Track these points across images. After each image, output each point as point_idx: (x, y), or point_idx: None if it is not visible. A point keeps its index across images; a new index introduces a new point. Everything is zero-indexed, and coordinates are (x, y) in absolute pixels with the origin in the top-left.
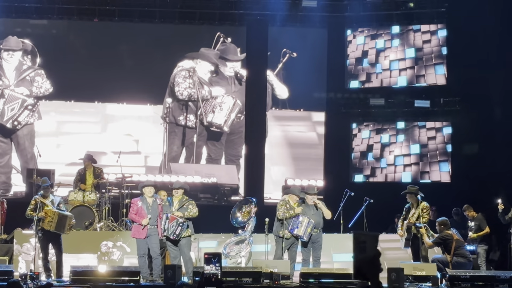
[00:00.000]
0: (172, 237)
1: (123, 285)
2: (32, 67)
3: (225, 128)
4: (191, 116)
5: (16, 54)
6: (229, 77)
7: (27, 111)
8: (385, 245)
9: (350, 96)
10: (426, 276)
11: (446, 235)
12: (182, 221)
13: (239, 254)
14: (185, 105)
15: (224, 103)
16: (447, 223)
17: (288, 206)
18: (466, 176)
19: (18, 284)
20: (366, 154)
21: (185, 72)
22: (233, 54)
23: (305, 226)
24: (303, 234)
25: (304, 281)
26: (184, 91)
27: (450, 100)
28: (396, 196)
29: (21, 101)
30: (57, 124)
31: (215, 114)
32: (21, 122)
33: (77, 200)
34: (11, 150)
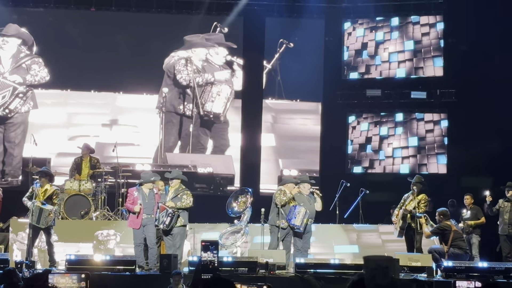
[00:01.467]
0: (162, 226)
1: (118, 274)
2: (29, 55)
3: (221, 118)
4: (189, 105)
5: (11, 40)
6: (219, 66)
7: (18, 99)
8: (385, 237)
9: (347, 87)
10: (422, 267)
11: (445, 226)
12: (172, 211)
13: (234, 244)
14: (183, 93)
15: (222, 91)
16: (447, 214)
17: (289, 195)
18: (462, 168)
19: (14, 272)
20: (364, 146)
21: (184, 61)
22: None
23: (302, 217)
24: (300, 224)
25: (299, 271)
26: (187, 76)
27: (446, 91)
28: (392, 187)
29: (12, 88)
30: (53, 114)
31: (214, 103)
32: (13, 110)
33: (73, 189)
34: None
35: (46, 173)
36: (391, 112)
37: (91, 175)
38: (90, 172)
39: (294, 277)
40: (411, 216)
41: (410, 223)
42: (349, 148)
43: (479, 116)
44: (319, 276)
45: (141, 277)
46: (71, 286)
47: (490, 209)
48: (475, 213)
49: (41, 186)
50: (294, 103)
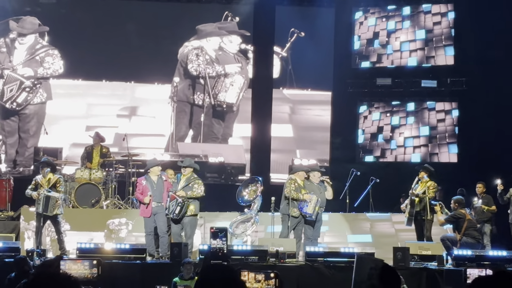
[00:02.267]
0: (172, 216)
1: (129, 262)
2: (45, 47)
3: (234, 108)
4: (201, 95)
5: (29, 36)
6: (233, 54)
7: (25, 93)
8: (398, 226)
9: (357, 75)
10: (432, 256)
11: (459, 214)
12: (181, 201)
13: (245, 232)
14: (194, 83)
15: (235, 81)
16: (462, 202)
17: (296, 185)
18: (472, 157)
19: (25, 260)
20: (376, 136)
21: (197, 51)
22: (232, 29)
23: (314, 205)
24: (312, 212)
25: (310, 259)
26: (198, 67)
27: (457, 80)
28: (402, 176)
29: (19, 82)
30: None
31: (228, 93)
32: (21, 104)
33: (83, 178)
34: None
35: (48, 163)
36: (401, 101)
37: (102, 164)
38: (100, 161)
39: (305, 265)
40: (419, 201)
41: (418, 210)
42: (360, 137)
43: (490, 104)
44: (329, 264)
45: (152, 266)
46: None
47: (501, 198)
48: (487, 201)
49: (43, 176)
50: (311, 94)
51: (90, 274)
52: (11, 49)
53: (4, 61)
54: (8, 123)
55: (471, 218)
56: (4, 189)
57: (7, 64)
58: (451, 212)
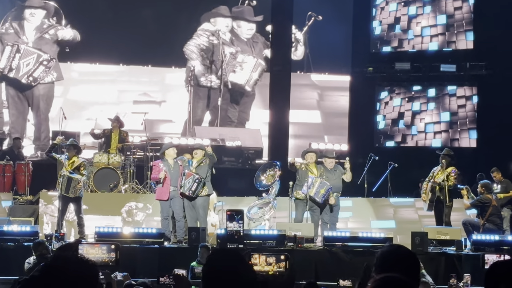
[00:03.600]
0: (188, 193)
1: (147, 246)
2: (53, 25)
3: (247, 88)
4: (214, 77)
5: (38, 13)
6: (246, 39)
7: (42, 67)
8: (421, 212)
9: (376, 60)
10: (451, 240)
11: (486, 199)
12: (198, 177)
13: (262, 217)
14: (210, 67)
15: (245, 62)
16: (489, 187)
17: (303, 167)
18: (492, 142)
19: (43, 244)
20: (397, 122)
21: (211, 34)
22: (248, 15)
23: (318, 187)
24: (315, 194)
25: (327, 244)
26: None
27: (476, 64)
28: (422, 162)
29: (36, 55)
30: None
31: (236, 74)
32: (36, 79)
33: (102, 163)
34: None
35: (74, 146)
36: (421, 86)
37: (120, 149)
38: (119, 145)
39: (322, 250)
40: (439, 188)
41: (439, 195)
42: (381, 123)
43: (509, 88)
44: (347, 249)
45: (169, 250)
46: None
47: None
48: (505, 186)
49: (68, 158)
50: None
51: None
52: (19, 29)
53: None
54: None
55: (496, 204)
56: (23, 173)
57: (20, 39)
58: (477, 197)
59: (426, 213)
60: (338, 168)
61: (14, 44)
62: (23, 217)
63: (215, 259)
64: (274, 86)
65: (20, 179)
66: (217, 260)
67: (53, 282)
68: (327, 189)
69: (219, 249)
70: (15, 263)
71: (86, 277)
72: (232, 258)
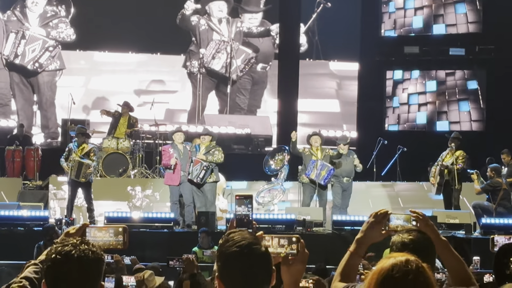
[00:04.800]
0: (196, 180)
1: (156, 231)
2: (56, 16)
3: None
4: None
5: (41, 2)
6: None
7: (48, 53)
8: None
9: (384, 44)
10: (460, 224)
11: (496, 183)
12: (206, 164)
13: (271, 201)
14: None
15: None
16: (499, 170)
17: (307, 151)
18: (500, 125)
19: (53, 229)
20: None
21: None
22: (254, 5)
23: (319, 169)
24: (316, 177)
25: (336, 228)
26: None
27: (485, 48)
28: (430, 145)
29: (42, 41)
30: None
31: (215, 60)
32: (42, 65)
33: (111, 148)
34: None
35: (83, 132)
36: (429, 69)
37: (129, 134)
38: (128, 131)
39: (332, 234)
40: (448, 171)
41: (447, 179)
42: (390, 106)
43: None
44: (356, 233)
45: (179, 234)
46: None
47: None
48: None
49: (78, 145)
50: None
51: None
52: (22, 17)
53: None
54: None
55: (507, 187)
56: (32, 158)
57: (25, 26)
58: (487, 181)
59: (435, 197)
60: (351, 153)
61: (19, 31)
62: (33, 202)
63: (227, 243)
64: (282, 75)
65: (29, 164)
66: (231, 243)
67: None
68: (328, 171)
69: (233, 232)
70: (25, 248)
71: (92, 263)
72: (249, 236)
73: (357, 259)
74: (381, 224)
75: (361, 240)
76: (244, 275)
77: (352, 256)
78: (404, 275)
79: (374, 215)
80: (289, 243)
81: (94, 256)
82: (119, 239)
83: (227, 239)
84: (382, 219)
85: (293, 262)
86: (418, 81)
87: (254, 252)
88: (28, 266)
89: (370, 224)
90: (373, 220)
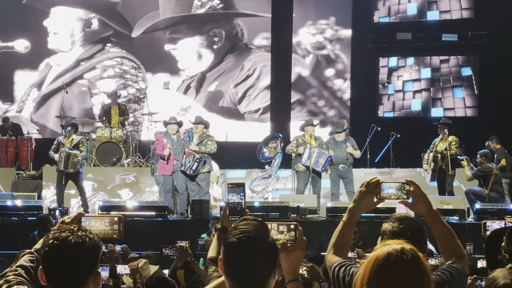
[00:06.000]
0: (189, 172)
1: (151, 219)
2: None
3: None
4: None
5: None
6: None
7: None
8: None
9: (376, 31)
10: (453, 210)
11: (487, 168)
12: (199, 156)
13: (265, 189)
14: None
15: None
16: (489, 156)
17: (300, 141)
18: (493, 111)
19: (47, 218)
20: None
21: None
22: None
23: (316, 157)
24: (314, 164)
25: (331, 215)
26: None
27: (478, 33)
28: (424, 132)
29: None
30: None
31: None
32: None
33: (104, 137)
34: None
35: (72, 124)
36: (422, 56)
37: (122, 122)
38: (120, 119)
39: (326, 221)
40: (441, 157)
41: (441, 165)
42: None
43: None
44: None
45: (173, 223)
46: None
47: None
48: (496, 157)
49: (67, 136)
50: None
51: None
52: None
53: None
54: None
55: (497, 172)
56: (26, 148)
57: None
58: (478, 167)
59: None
60: (348, 139)
61: None
62: (26, 192)
63: (238, 226)
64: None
65: (23, 154)
66: (246, 227)
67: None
68: (326, 158)
69: (247, 217)
70: (20, 238)
71: (89, 249)
72: (255, 227)
73: (350, 229)
74: (373, 193)
75: (354, 209)
76: (241, 267)
77: (345, 226)
78: (399, 264)
79: (366, 185)
80: (288, 230)
81: (91, 242)
82: (114, 228)
83: (233, 227)
84: (374, 188)
85: (292, 249)
86: (412, 68)
87: (253, 244)
88: (23, 255)
89: (362, 194)
90: (365, 190)
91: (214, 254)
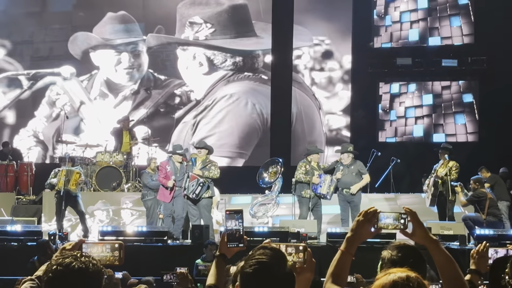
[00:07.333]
0: (192, 196)
1: (151, 244)
2: None
3: None
4: None
5: None
6: None
7: None
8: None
9: (376, 55)
10: (454, 235)
11: (481, 193)
12: (203, 181)
13: (266, 214)
14: None
15: None
16: (482, 181)
17: (308, 168)
18: (493, 136)
19: (47, 244)
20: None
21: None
22: None
23: (328, 185)
24: (326, 193)
25: (331, 241)
26: None
27: (477, 59)
28: (424, 156)
29: None
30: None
31: None
32: None
33: (104, 161)
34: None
35: (70, 158)
36: (423, 81)
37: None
38: (131, 143)
39: (326, 246)
40: (442, 182)
41: (441, 190)
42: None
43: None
44: None
45: (173, 248)
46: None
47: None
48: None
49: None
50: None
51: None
52: None
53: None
54: None
55: (492, 196)
56: (26, 173)
57: None
58: (471, 193)
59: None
60: (355, 163)
61: None
62: (26, 217)
63: (254, 255)
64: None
65: (22, 179)
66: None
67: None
68: (335, 186)
69: (265, 245)
70: (19, 263)
71: (92, 275)
72: (271, 256)
73: (348, 258)
74: (371, 222)
75: (352, 238)
76: None
77: (343, 255)
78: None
79: (364, 214)
80: (296, 251)
81: (94, 268)
82: (115, 254)
83: (250, 255)
84: (372, 217)
85: (301, 271)
86: (414, 94)
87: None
88: (24, 281)
89: (360, 223)
90: (362, 219)
91: (213, 282)
